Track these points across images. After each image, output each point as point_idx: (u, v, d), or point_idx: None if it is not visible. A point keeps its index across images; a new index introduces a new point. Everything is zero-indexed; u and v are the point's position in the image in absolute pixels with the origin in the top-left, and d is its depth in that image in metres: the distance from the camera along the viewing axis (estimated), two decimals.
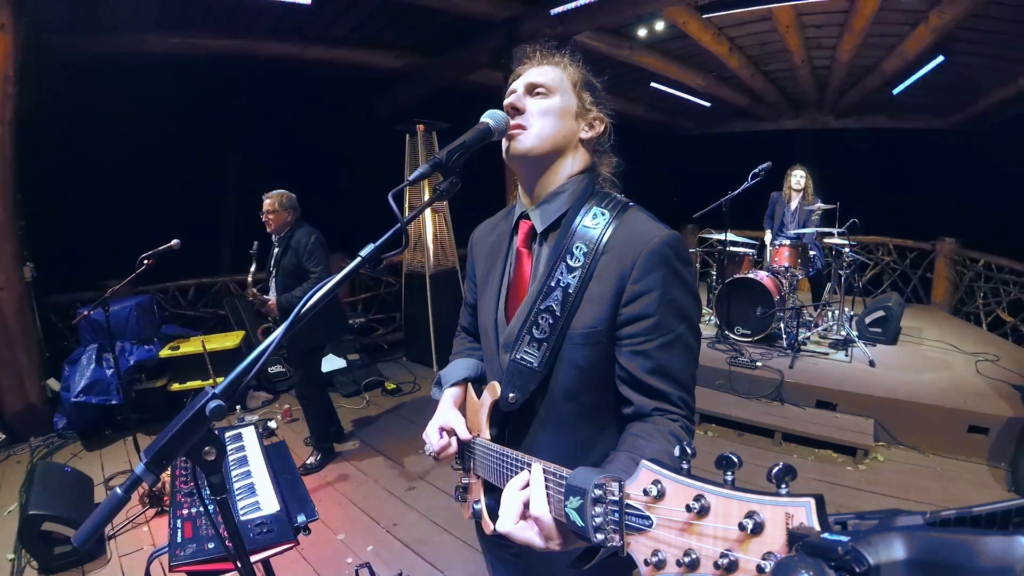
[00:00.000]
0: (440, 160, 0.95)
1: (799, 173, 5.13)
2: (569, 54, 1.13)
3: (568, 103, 1.07)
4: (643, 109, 8.71)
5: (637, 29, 5.36)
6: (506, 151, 1.06)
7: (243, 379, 0.80)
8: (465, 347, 1.36)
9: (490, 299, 1.15)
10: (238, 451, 1.91)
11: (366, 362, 5.32)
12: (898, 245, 6.72)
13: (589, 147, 1.10)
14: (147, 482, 0.73)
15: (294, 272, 3.41)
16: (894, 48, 5.48)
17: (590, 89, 1.11)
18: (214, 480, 0.84)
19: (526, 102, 1.06)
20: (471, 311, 1.33)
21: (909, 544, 0.38)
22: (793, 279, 4.84)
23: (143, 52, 4.87)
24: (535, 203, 1.08)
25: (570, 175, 1.07)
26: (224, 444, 0.83)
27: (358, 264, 0.89)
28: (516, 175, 1.12)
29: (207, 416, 0.75)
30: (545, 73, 1.07)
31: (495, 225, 1.25)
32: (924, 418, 3.65)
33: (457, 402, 1.20)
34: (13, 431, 4.22)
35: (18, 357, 4.19)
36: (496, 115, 1.04)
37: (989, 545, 0.36)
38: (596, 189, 1.08)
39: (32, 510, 2.61)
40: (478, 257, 1.25)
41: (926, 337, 5.10)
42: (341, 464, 3.76)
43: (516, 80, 1.10)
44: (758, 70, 6.76)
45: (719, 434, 3.98)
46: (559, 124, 1.05)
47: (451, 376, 1.24)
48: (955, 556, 0.36)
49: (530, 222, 1.10)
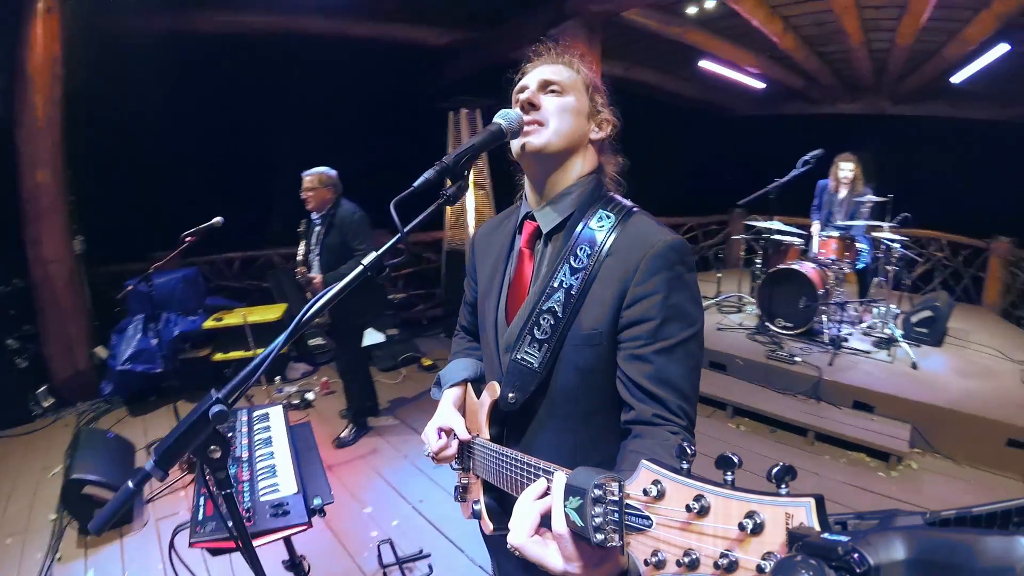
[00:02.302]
0: (448, 165, 0.94)
1: (847, 164, 4.91)
2: (579, 56, 1.13)
3: (581, 102, 1.08)
4: (694, 89, 8.45)
5: (687, 6, 5.17)
6: (520, 148, 1.05)
7: (247, 383, 0.83)
8: (464, 347, 1.38)
9: (492, 298, 1.15)
10: (264, 431, 1.95)
11: (405, 337, 5.41)
12: (951, 241, 6.46)
13: (597, 147, 1.11)
14: (156, 478, 0.79)
15: (339, 250, 3.42)
16: (956, 33, 5.18)
17: (598, 91, 1.12)
18: (220, 476, 0.90)
19: (541, 99, 1.05)
20: (471, 310, 1.34)
21: (909, 544, 0.39)
22: (839, 272, 4.70)
23: (191, 31, 4.93)
24: (543, 202, 1.08)
25: (579, 176, 1.07)
26: (228, 443, 0.89)
27: (360, 273, 0.90)
28: (527, 173, 1.12)
29: (210, 419, 0.80)
30: (559, 71, 1.07)
31: (498, 224, 1.25)
32: (963, 427, 3.52)
33: (457, 402, 1.22)
34: (62, 396, 4.45)
35: (68, 326, 4.41)
36: (509, 115, 1.03)
37: (989, 545, 0.36)
38: (602, 193, 1.08)
39: (75, 474, 2.75)
40: (480, 256, 1.26)
41: (974, 341, 4.90)
42: (374, 438, 3.86)
43: (526, 76, 1.10)
44: (813, 51, 6.47)
45: (752, 429, 3.94)
46: (574, 122, 1.05)
47: (450, 376, 1.25)
48: (955, 556, 0.37)
49: (535, 223, 1.10)
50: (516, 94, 1.09)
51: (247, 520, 1.45)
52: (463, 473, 1.20)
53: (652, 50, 6.83)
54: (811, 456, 3.60)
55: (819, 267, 4.63)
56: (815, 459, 3.56)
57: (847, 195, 4.96)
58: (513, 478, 0.96)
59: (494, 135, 1.00)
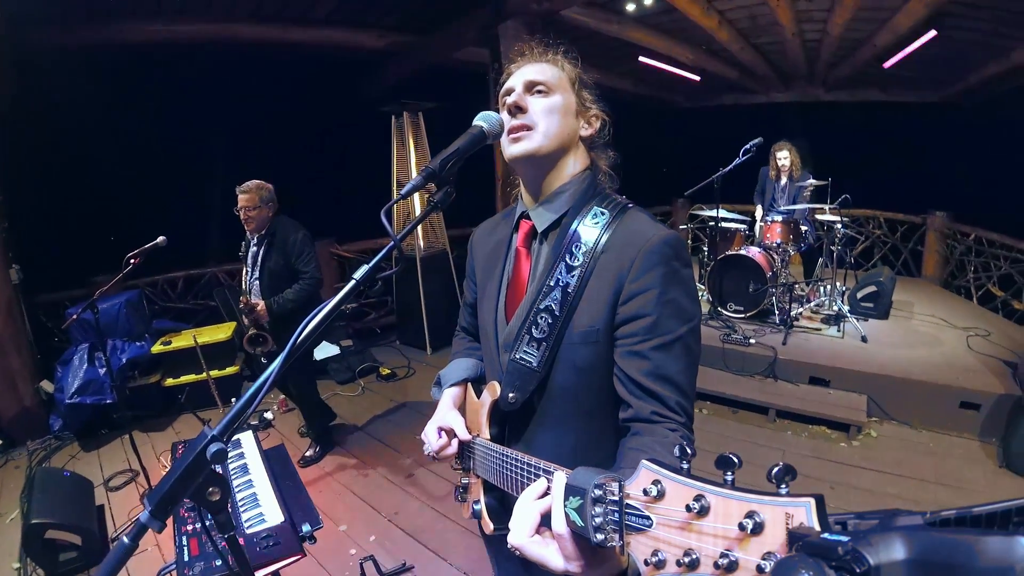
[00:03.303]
0: (434, 170, 0.93)
1: (782, 153, 5.11)
2: (563, 51, 1.12)
3: (568, 101, 1.06)
4: (631, 84, 8.63)
5: (626, 3, 5.26)
6: (509, 152, 1.04)
7: (241, 417, 0.78)
8: (465, 347, 1.36)
9: (490, 299, 1.15)
10: (238, 458, 1.88)
11: (359, 348, 5.31)
12: (889, 219, 6.75)
13: (588, 144, 1.10)
14: (153, 529, 0.72)
15: (281, 273, 3.22)
16: (886, 22, 5.41)
17: (586, 86, 1.11)
18: (221, 519, 0.83)
19: (528, 101, 1.04)
20: (471, 311, 1.33)
21: (909, 544, 0.38)
22: (785, 255, 4.85)
23: (122, 42, 4.74)
24: (537, 202, 1.08)
25: (572, 174, 1.07)
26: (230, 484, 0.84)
27: (353, 287, 0.87)
28: (519, 175, 1.11)
29: (208, 460, 0.74)
30: (543, 71, 1.06)
31: (495, 225, 1.24)
32: (916, 394, 3.69)
33: (457, 402, 1.21)
34: (10, 436, 4.19)
35: (10, 361, 4.16)
36: (489, 117, 1.02)
37: (989, 545, 0.36)
38: (597, 190, 1.07)
39: (35, 519, 2.60)
40: (478, 257, 1.25)
41: (918, 312, 5.14)
42: (340, 454, 3.77)
43: (511, 78, 1.08)
44: (748, 43, 6.66)
45: (714, 412, 4.02)
46: (563, 122, 1.04)
47: (451, 376, 1.24)
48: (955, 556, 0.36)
49: (531, 222, 1.09)
50: (502, 97, 1.07)
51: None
52: (464, 473, 1.20)
53: (591, 48, 6.93)
54: (773, 433, 3.71)
55: (765, 251, 4.78)
56: (778, 436, 3.66)
57: (787, 181, 5.13)
58: (513, 478, 0.94)
59: (476, 138, 0.99)
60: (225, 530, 0.85)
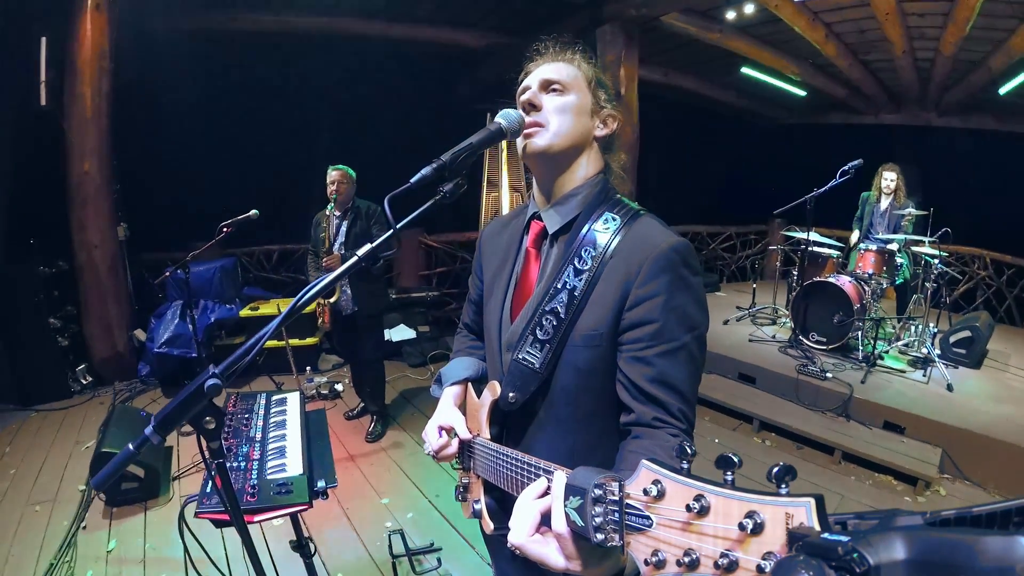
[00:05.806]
0: (444, 162, 0.93)
1: (890, 174, 4.80)
2: (581, 51, 1.11)
3: (583, 100, 1.06)
4: (734, 96, 8.37)
5: (726, 11, 5.10)
6: (523, 149, 1.05)
7: (240, 361, 0.88)
8: (466, 345, 1.37)
9: (497, 298, 1.14)
10: (280, 414, 1.99)
11: (435, 335, 5.47)
12: (995, 260, 6.19)
13: (602, 144, 1.10)
14: (154, 442, 0.85)
15: (363, 237, 3.59)
16: (1001, 43, 5.01)
17: (602, 86, 1.10)
18: (213, 446, 0.95)
19: (542, 99, 1.04)
20: (475, 308, 1.33)
21: (909, 544, 0.38)
22: (878, 287, 4.57)
23: (234, 30, 5.09)
24: (549, 203, 1.08)
25: (585, 176, 1.07)
26: (223, 416, 0.96)
27: (354, 263, 0.94)
28: (532, 173, 1.11)
29: (204, 392, 0.84)
30: (559, 70, 1.06)
31: (506, 224, 1.24)
32: (996, 454, 3.36)
33: (457, 401, 1.21)
34: (100, 375, 4.63)
35: (108, 308, 4.58)
36: (509, 115, 1.03)
37: (989, 545, 0.35)
38: (609, 195, 1.07)
39: (105, 447, 2.86)
40: (487, 255, 1.25)
41: (1013, 364, 4.70)
42: (397, 431, 3.91)
43: (529, 76, 1.09)
44: (856, 59, 6.32)
45: (777, 444, 3.85)
46: (576, 121, 1.04)
47: (452, 375, 1.25)
48: (955, 556, 0.36)
49: (542, 223, 1.09)
50: (519, 95, 1.09)
51: (251, 496, 1.49)
52: (464, 472, 1.21)
53: (691, 56, 6.77)
54: (836, 476, 3.50)
55: (856, 281, 4.50)
56: (840, 479, 3.46)
57: (888, 206, 4.83)
58: (513, 478, 0.95)
59: (493, 134, 1.00)
60: (215, 456, 0.97)
